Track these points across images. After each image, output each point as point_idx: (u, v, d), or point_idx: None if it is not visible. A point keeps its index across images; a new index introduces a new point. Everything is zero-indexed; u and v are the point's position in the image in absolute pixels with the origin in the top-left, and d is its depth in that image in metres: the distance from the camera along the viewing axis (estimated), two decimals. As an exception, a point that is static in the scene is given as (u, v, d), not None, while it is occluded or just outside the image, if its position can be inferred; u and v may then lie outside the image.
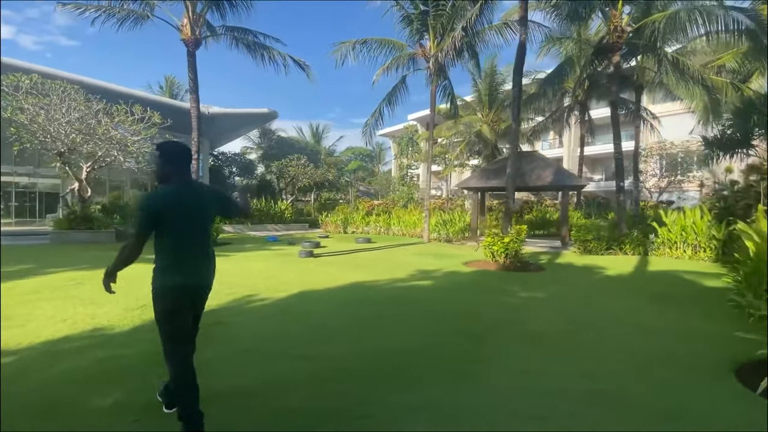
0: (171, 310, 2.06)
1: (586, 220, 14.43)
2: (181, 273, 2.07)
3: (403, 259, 9.53)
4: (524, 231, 8.44)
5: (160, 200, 2.09)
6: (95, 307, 4.73)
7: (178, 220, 2.05)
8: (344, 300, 5.29)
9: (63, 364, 3.06)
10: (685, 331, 4.22)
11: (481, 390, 2.75)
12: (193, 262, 2.14)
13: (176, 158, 2.18)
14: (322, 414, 2.37)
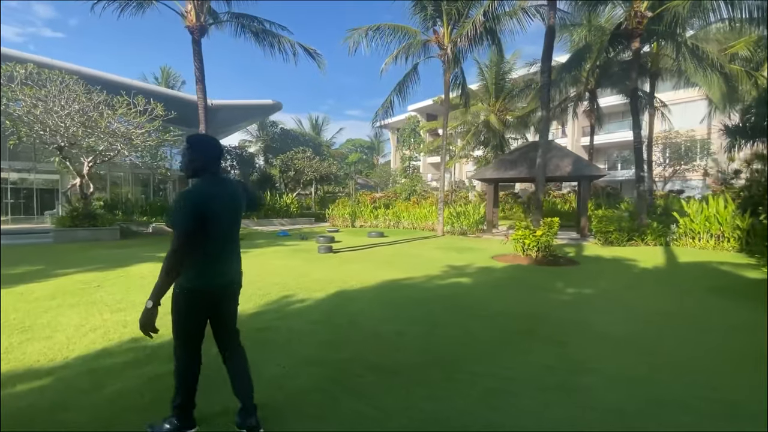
0: (193, 311, 1.99)
1: (602, 210, 14.18)
2: (212, 273, 1.98)
3: (427, 254, 9.20)
4: (557, 224, 8.14)
5: (204, 195, 1.92)
6: (124, 314, 4.34)
7: (216, 217, 1.92)
8: (388, 300, 4.95)
9: (111, 385, 2.69)
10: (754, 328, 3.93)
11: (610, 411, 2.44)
12: (225, 261, 2.04)
13: (208, 151, 2.05)
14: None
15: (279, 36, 12.22)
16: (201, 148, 2.05)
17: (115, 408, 2.39)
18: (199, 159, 2.02)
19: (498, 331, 3.84)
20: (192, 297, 1.97)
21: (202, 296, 1.99)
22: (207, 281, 1.98)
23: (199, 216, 1.85)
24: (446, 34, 13.15)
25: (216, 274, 2.00)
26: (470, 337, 3.65)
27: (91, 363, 3.02)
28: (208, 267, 1.97)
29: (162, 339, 3.48)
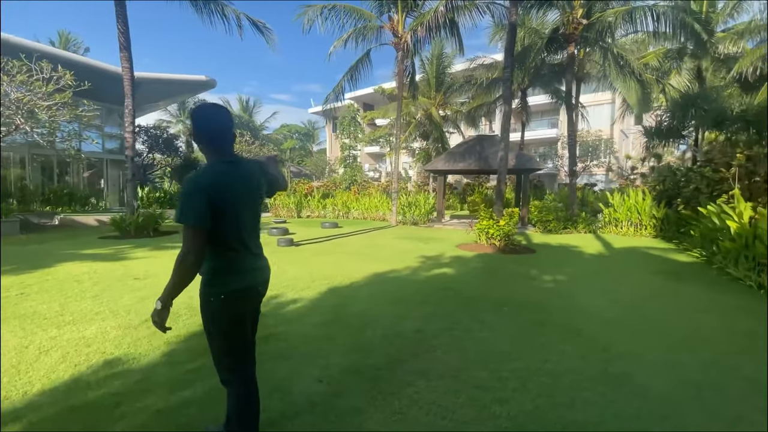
0: (236, 319, 1.67)
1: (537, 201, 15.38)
2: (243, 272, 1.67)
3: (394, 245, 9.07)
4: (517, 214, 8.54)
5: (215, 181, 1.56)
6: (77, 328, 3.52)
7: (234, 206, 1.59)
8: (389, 296, 4.70)
9: (111, 428, 2.09)
10: (722, 307, 4.51)
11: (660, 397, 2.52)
12: (252, 258, 1.72)
13: (220, 126, 1.65)
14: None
15: (224, 5, 10.89)
16: (211, 123, 1.65)
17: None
18: (204, 135, 1.64)
19: (512, 323, 3.84)
20: (233, 301, 1.64)
21: (242, 297, 1.68)
22: (247, 278, 1.68)
23: (212, 206, 1.50)
24: (400, 21, 12.95)
25: (249, 270, 1.69)
26: (492, 331, 3.59)
27: (66, 399, 2.33)
28: (237, 263, 1.66)
29: (143, 358, 2.89)
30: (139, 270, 5.90)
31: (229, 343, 1.70)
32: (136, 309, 4.08)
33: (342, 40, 14.56)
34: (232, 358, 1.72)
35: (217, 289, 1.61)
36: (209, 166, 1.62)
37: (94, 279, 5.29)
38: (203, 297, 1.64)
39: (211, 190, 1.51)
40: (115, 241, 9.17)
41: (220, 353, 1.71)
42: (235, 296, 1.64)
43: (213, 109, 1.69)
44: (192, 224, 1.48)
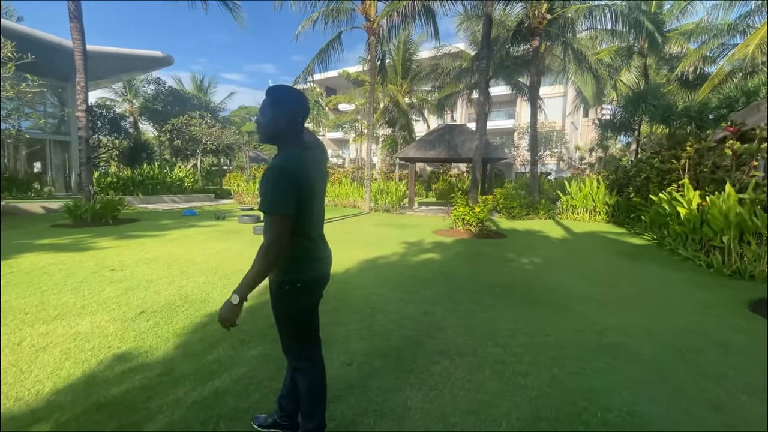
0: (309, 306, 1.72)
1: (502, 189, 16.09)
2: (317, 260, 1.69)
3: (373, 231, 9.15)
4: (490, 201, 8.92)
5: (302, 168, 1.55)
6: (65, 322, 3.29)
7: (315, 194, 1.62)
8: (387, 281, 4.79)
9: (149, 425, 2.03)
10: (679, 282, 5.09)
11: (654, 362, 2.84)
12: (323, 246, 1.75)
13: (298, 108, 1.62)
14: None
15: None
16: (289, 104, 1.62)
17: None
18: (286, 118, 1.61)
19: (507, 302, 4.10)
20: (309, 289, 1.68)
21: (316, 285, 1.71)
22: (319, 266, 1.70)
23: (298, 195, 1.51)
24: (373, 5, 12.76)
25: (322, 259, 1.71)
26: (493, 311, 3.82)
27: (89, 397, 2.21)
28: (314, 252, 1.67)
29: (160, 352, 2.78)
30: (112, 261, 5.52)
31: (302, 330, 1.73)
32: (126, 301, 3.86)
33: (311, 20, 14.13)
34: (306, 345, 1.75)
35: (294, 277, 1.62)
36: (291, 152, 1.59)
37: (65, 271, 4.89)
38: (278, 286, 1.63)
39: (298, 178, 1.51)
40: (71, 229, 8.44)
41: (293, 342, 1.73)
42: (311, 284, 1.67)
43: (294, 90, 1.66)
44: (282, 213, 1.47)
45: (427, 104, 23.52)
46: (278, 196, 1.47)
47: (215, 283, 4.52)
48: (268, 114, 1.60)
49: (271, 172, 1.49)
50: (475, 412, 2.14)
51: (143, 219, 10.80)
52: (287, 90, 1.64)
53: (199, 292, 4.19)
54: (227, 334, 3.10)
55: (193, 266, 5.30)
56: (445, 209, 10.18)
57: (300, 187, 1.51)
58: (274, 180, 1.48)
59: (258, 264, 1.49)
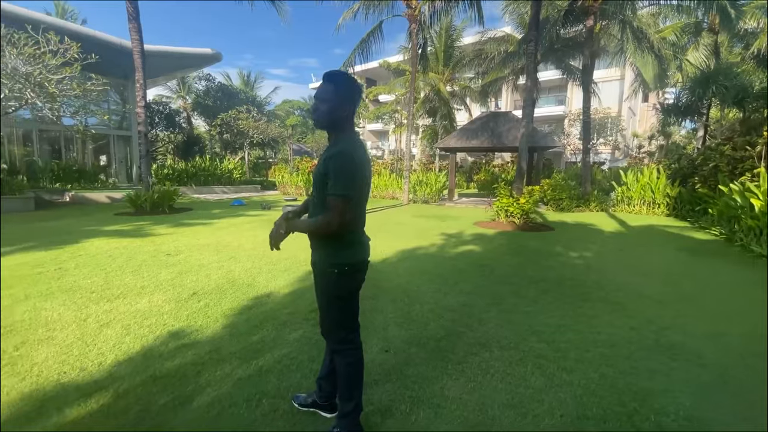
0: (354, 290, 1.76)
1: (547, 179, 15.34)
2: (361, 245, 1.74)
3: (412, 223, 9.11)
4: (536, 192, 8.53)
5: (363, 155, 1.62)
6: (126, 301, 3.56)
7: (367, 180, 1.67)
8: (426, 272, 4.75)
9: (200, 396, 2.15)
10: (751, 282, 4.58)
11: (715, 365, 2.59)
12: (364, 232, 1.79)
13: (356, 96, 1.66)
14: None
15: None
16: (351, 92, 1.64)
17: (230, 423, 1.90)
18: (348, 105, 1.63)
19: (554, 297, 3.91)
20: (354, 273, 1.71)
21: (361, 269, 1.75)
22: (363, 250, 1.75)
23: (360, 180, 1.58)
24: (415, -9, 12.51)
25: (364, 243, 1.76)
26: (537, 306, 3.65)
27: (146, 370, 2.39)
28: (359, 236, 1.73)
29: (209, 331, 2.94)
30: (168, 246, 5.93)
31: (344, 313, 1.76)
32: (180, 283, 4.13)
33: (352, 11, 14.14)
34: (346, 329, 1.78)
35: (342, 261, 1.66)
36: (353, 139, 1.64)
37: (126, 255, 5.32)
38: (327, 269, 1.67)
39: (361, 164, 1.57)
40: (132, 217, 9.17)
41: (337, 325, 1.76)
42: (356, 268, 1.71)
43: (353, 77, 1.70)
44: (348, 196, 1.53)
45: (470, 92, 22.82)
46: (349, 180, 1.53)
47: (261, 268, 4.71)
48: (331, 100, 1.61)
49: (341, 157, 1.54)
50: (515, 405, 2.06)
51: (196, 208, 11.50)
52: (348, 77, 1.66)
53: (245, 277, 4.39)
54: (270, 317, 3.22)
55: (240, 252, 5.56)
56: (487, 201, 9.87)
57: (362, 172, 1.58)
58: (343, 164, 1.53)
59: (313, 226, 1.64)
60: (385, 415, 1.97)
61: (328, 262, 1.66)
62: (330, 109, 1.61)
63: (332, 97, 1.60)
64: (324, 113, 1.62)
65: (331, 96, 1.61)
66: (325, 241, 1.67)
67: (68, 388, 2.18)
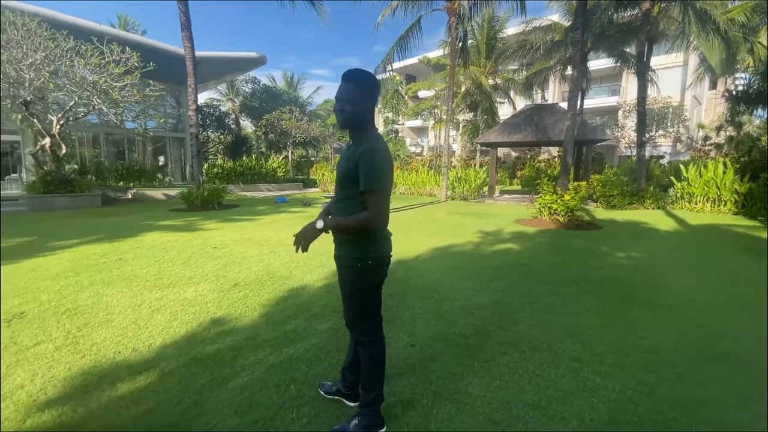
0: (377, 283, 1.78)
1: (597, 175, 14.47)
2: (384, 239, 1.75)
3: (448, 220, 9.01)
4: (583, 188, 8.10)
5: (387, 148, 1.66)
6: (176, 290, 3.85)
7: (392, 177, 1.69)
8: (458, 269, 4.70)
9: (234, 379, 2.28)
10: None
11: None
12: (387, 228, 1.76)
13: (376, 92, 1.67)
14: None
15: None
16: (371, 89, 1.66)
17: (260, 405, 2.01)
18: (371, 103, 1.66)
19: (595, 298, 3.71)
20: (377, 267, 1.74)
21: (383, 263, 1.77)
22: (386, 245, 1.77)
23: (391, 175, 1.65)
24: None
25: (387, 238, 1.78)
26: (576, 306, 3.49)
27: (189, 353, 2.58)
28: (381, 232, 1.73)
29: (248, 319, 3.11)
30: (215, 240, 6.31)
31: (369, 306, 1.80)
32: (224, 274, 4.39)
33: (391, 8, 14.16)
34: (370, 321, 1.82)
35: (366, 255, 1.69)
36: (378, 136, 1.67)
37: (178, 248, 5.74)
38: (350, 262, 1.71)
39: (390, 160, 1.63)
40: (184, 213, 9.84)
41: (360, 317, 1.81)
42: (380, 262, 1.74)
43: (371, 74, 1.68)
44: (384, 191, 1.57)
45: (514, 84, 22.03)
46: (383, 176, 1.56)
47: (298, 262, 4.89)
48: (354, 100, 1.61)
49: (374, 153, 1.56)
50: (542, 407, 2.00)
51: (242, 205, 12.12)
52: (367, 74, 1.65)
53: (283, 270, 4.58)
54: (304, 309, 3.34)
55: (280, 247, 5.81)
56: (529, 198, 9.50)
57: (392, 168, 1.64)
58: (377, 161, 1.56)
59: (350, 224, 1.62)
60: (406, 407, 1.99)
61: (353, 256, 1.69)
62: (354, 109, 1.62)
63: (355, 97, 1.62)
64: (349, 113, 1.63)
65: (353, 95, 1.62)
66: (350, 236, 1.70)
67: (121, 366, 2.41)
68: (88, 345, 2.67)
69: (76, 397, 2.07)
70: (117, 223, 8.28)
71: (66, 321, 3.05)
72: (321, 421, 1.90)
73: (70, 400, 2.04)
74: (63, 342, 2.70)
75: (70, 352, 2.55)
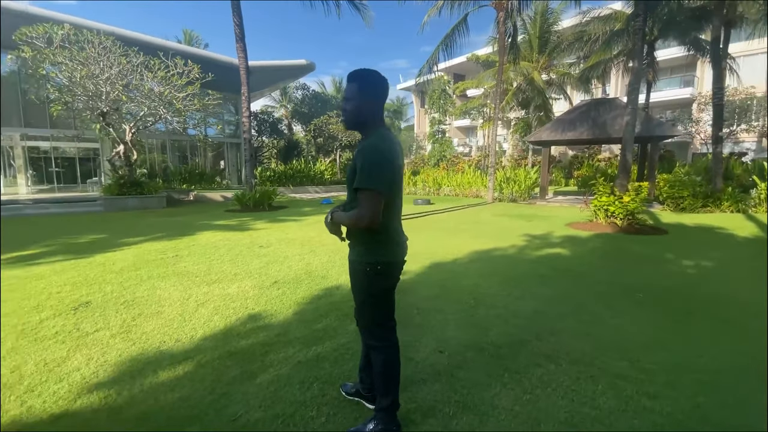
0: (389, 288, 1.75)
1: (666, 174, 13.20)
2: (397, 244, 1.71)
3: (494, 222, 8.70)
4: (645, 189, 7.43)
5: (394, 150, 1.58)
6: (221, 286, 4.07)
7: (399, 176, 1.63)
8: (498, 274, 4.51)
9: (263, 373, 2.35)
10: None
11: None
12: (401, 231, 1.77)
13: (382, 93, 1.63)
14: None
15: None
16: (375, 89, 1.62)
17: (283, 400, 2.05)
18: (374, 103, 1.62)
19: (651, 310, 3.37)
20: (388, 272, 1.70)
21: (395, 268, 1.73)
22: (399, 251, 1.73)
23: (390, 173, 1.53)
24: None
25: (400, 243, 1.74)
26: (627, 319, 3.19)
27: (224, 346, 2.71)
28: (394, 236, 1.70)
29: (282, 316, 3.21)
30: (262, 239, 6.62)
31: (379, 311, 1.76)
32: (266, 272, 4.59)
33: (436, 7, 14.01)
34: (382, 327, 1.78)
35: (376, 259, 1.65)
36: (381, 133, 1.60)
37: (228, 246, 6.09)
38: (360, 267, 1.68)
39: (390, 158, 1.53)
40: (238, 213, 10.45)
41: (373, 322, 1.77)
42: (390, 267, 1.70)
43: (376, 73, 1.64)
44: (379, 190, 1.48)
45: (570, 79, 20.79)
46: (377, 174, 1.48)
47: (335, 262, 4.98)
48: (356, 100, 1.60)
49: (366, 150, 1.51)
50: (574, 424, 1.84)
51: (290, 206, 12.62)
52: (371, 73, 1.63)
53: (320, 269, 4.68)
54: (336, 308, 3.39)
55: (321, 247, 5.95)
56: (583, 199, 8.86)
57: (391, 166, 1.54)
58: (370, 157, 1.50)
59: (347, 221, 1.62)
60: (426, 415, 1.93)
61: (363, 260, 1.66)
62: (355, 108, 1.60)
63: (356, 96, 1.60)
64: (350, 113, 1.62)
65: (354, 95, 1.60)
66: (361, 239, 1.67)
67: (165, 354, 2.59)
68: (139, 334, 2.91)
69: (122, 382, 2.26)
70: (178, 222, 8.98)
71: (123, 311, 3.35)
72: (338, 421, 1.90)
73: (116, 384, 2.23)
74: (118, 330, 2.96)
75: (123, 340, 2.79)
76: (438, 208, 11.63)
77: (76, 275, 4.42)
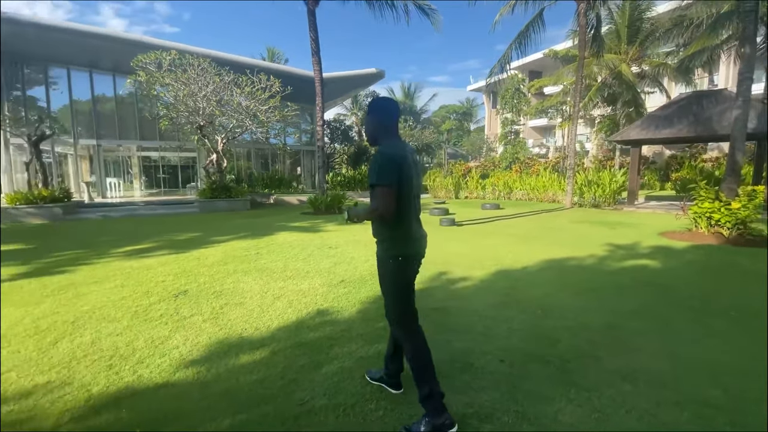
0: (409, 280, 1.95)
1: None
2: (415, 239, 1.93)
3: (571, 229, 8.13)
4: (761, 194, 6.38)
5: (400, 153, 1.83)
6: (295, 282, 4.42)
7: (410, 176, 1.84)
8: (572, 284, 4.24)
9: (328, 364, 2.52)
10: None
11: None
12: (419, 227, 1.99)
13: (393, 114, 1.99)
14: None
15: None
16: (387, 111, 1.99)
17: (345, 392, 2.18)
18: (386, 122, 1.97)
19: (751, 333, 2.92)
20: (407, 264, 1.92)
21: (413, 262, 1.95)
22: (417, 245, 1.94)
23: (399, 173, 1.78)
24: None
25: (418, 239, 1.95)
26: (722, 339, 2.81)
27: (296, 337, 2.95)
28: (410, 232, 1.91)
29: (347, 313, 3.38)
30: (332, 241, 6.99)
31: (404, 302, 1.95)
32: (334, 271, 4.86)
33: (509, 5, 13.54)
34: (407, 318, 1.97)
35: (395, 253, 1.88)
36: (391, 142, 1.91)
37: (301, 245, 6.55)
38: (383, 260, 1.94)
39: (397, 159, 1.80)
40: (311, 216, 11.12)
41: (398, 312, 1.96)
42: (409, 260, 1.91)
43: (384, 100, 2.03)
44: (386, 184, 1.75)
45: (668, 70, 18.53)
46: (384, 171, 1.75)
47: (399, 266, 5.08)
48: (369, 123, 1.99)
49: (376, 155, 1.82)
50: (649, 453, 1.69)
51: (359, 209, 13.07)
52: (378, 100, 2.02)
53: (385, 272, 4.82)
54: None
55: (386, 250, 6.11)
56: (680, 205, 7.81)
57: (400, 166, 1.78)
58: (381, 161, 1.78)
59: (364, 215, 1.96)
60: (483, 420, 1.92)
61: (385, 254, 1.92)
62: (368, 130, 2.00)
63: (368, 119, 1.99)
64: (366, 132, 2.03)
65: (367, 118, 2.00)
66: (382, 235, 1.92)
67: (245, 341, 2.90)
68: (225, 321, 3.29)
69: (210, 361, 2.59)
70: (259, 223, 9.85)
71: (213, 300, 3.81)
72: (395, 416, 1.97)
73: (206, 363, 2.56)
74: (208, 316, 3.38)
75: (212, 325, 3.18)
76: (508, 213, 11.17)
77: (176, 267, 5.11)
